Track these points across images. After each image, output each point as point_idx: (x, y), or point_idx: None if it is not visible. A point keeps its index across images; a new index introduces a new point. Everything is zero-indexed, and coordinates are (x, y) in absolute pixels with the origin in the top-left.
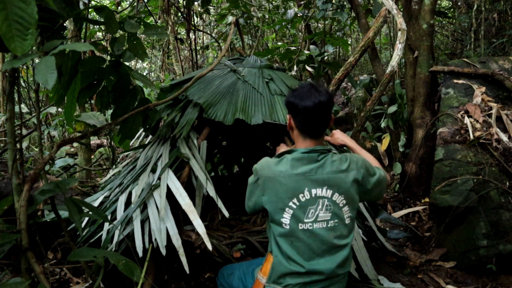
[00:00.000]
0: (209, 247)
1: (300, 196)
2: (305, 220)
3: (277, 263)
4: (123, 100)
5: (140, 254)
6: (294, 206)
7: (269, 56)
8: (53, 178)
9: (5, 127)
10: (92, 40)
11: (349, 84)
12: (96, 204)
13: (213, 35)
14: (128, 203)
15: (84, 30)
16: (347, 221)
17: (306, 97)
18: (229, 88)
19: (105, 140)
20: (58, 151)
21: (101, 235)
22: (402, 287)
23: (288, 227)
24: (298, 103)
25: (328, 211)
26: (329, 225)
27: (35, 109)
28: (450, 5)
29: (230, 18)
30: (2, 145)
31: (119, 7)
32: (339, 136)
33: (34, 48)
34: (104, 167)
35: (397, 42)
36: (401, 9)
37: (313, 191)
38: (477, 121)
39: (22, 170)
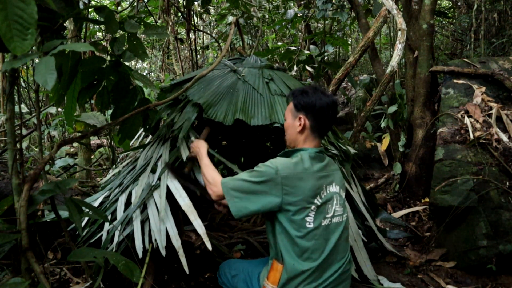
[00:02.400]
0: (209, 247)
1: (321, 193)
2: (327, 216)
3: (291, 269)
4: (123, 100)
5: (140, 254)
6: (318, 203)
7: (269, 56)
8: (53, 178)
9: (5, 127)
10: (92, 40)
11: (349, 84)
12: (96, 204)
13: (213, 35)
14: (128, 203)
15: (84, 30)
16: (347, 214)
17: (320, 97)
18: (229, 88)
19: (105, 140)
20: (58, 151)
21: (101, 235)
22: (402, 287)
23: (312, 225)
24: (315, 102)
25: (341, 205)
26: (343, 219)
27: (35, 109)
28: (450, 5)
29: (230, 18)
30: (2, 145)
31: (119, 7)
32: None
33: (34, 48)
34: (104, 167)
35: (397, 42)
36: (401, 9)
37: (329, 188)
38: (477, 121)
39: (22, 170)
